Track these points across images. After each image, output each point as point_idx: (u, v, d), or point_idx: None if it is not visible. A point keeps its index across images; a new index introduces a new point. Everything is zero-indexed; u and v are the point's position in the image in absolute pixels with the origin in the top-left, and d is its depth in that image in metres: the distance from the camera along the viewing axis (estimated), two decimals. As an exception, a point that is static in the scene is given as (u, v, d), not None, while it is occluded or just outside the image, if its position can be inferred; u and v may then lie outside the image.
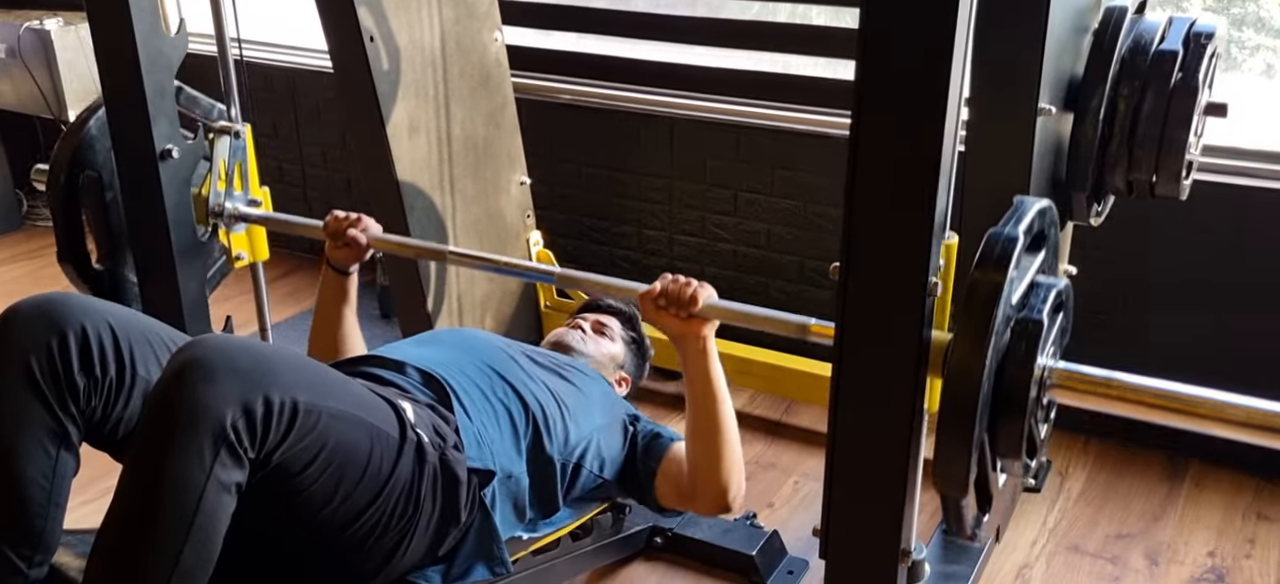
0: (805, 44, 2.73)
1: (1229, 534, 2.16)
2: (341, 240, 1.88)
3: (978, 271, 1.15)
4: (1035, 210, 1.22)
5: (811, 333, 1.50)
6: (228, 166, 2.07)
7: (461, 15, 2.41)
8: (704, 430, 1.62)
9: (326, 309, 1.93)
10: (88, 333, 1.37)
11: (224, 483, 1.22)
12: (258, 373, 1.24)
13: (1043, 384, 1.22)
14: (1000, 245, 1.15)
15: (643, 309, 1.62)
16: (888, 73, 1.16)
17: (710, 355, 1.60)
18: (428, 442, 1.46)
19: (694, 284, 1.58)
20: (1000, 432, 1.21)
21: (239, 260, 2.17)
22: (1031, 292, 1.22)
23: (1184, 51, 1.72)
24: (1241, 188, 2.24)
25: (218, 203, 2.08)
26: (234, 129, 2.06)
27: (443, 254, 1.94)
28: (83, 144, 2.01)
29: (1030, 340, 1.18)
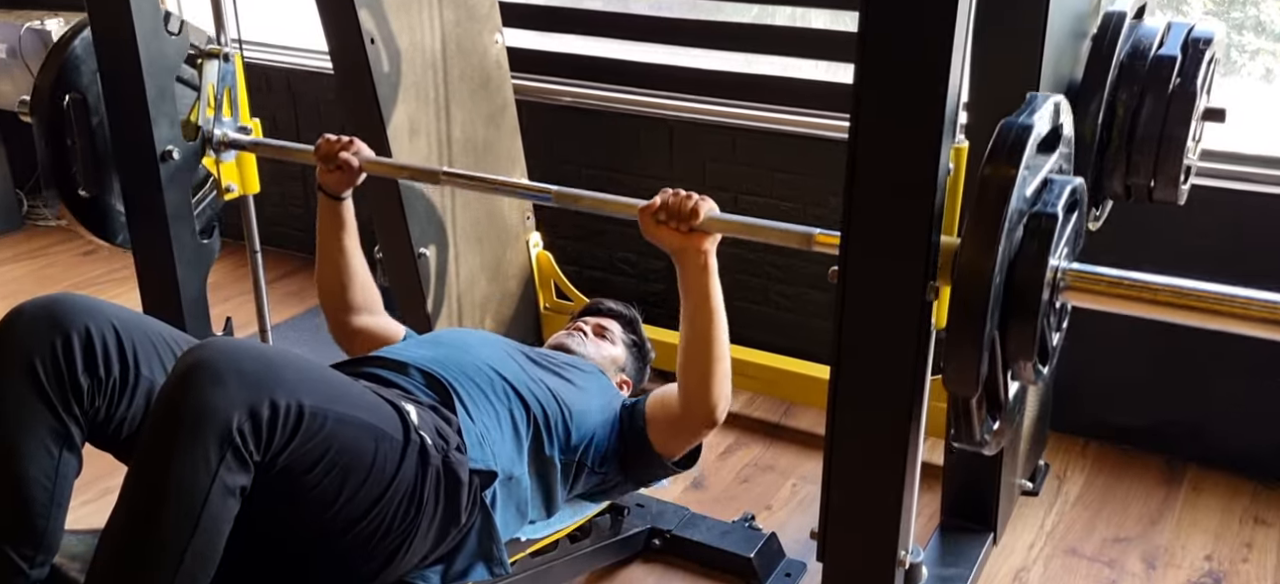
0: (804, 47, 2.73)
1: (1226, 538, 2.16)
2: (333, 163, 1.85)
3: (989, 166, 1.11)
4: (1050, 105, 1.17)
5: (816, 242, 1.47)
6: (217, 92, 1.99)
7: (462, 17, 2.41)
8: (698, 346, 1.60)
9: (326, 240, 1.90)
10: (92, 333, 1.38)
11: (229, 486, 1.23)
12: (263, 376, 1.25)
13: (1056, 285, 1.18)
14: (1013, 135, 1.10)
15: (643, 224, 1.58)
16: (887, 76, 1.16)
17: (710, 270, 1.58)
18: (431, 444, 1.47)
19: (695, 197, 1.55)
20: (1011, 333, 1.16)
21: (229, 192, 2.10)
22: (1045, 188, 1.17)
23: (1182, 57, 1.72)
24: (1240, 192, 2.25)
25: (207, 129, 2.00)
26: (222, 52, 1.99)
27: (435, 175, 1.88)
28: (67, 65, 1.93)
29: (1043, 237, 1.13)
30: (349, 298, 1.89)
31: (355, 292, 1.90)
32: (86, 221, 2.09)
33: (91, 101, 1.96)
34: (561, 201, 1.75)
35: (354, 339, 1.92)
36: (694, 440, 1.72)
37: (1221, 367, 2.34)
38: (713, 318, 1.59)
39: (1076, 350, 2.40)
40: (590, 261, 3.06)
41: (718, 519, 2.12)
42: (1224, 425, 2.36)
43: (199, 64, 2.00)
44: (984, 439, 1.22)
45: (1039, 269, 1.14)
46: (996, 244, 1.08)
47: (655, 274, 2.97)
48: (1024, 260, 1.14)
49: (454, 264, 2.47)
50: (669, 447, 1.72)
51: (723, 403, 1.64)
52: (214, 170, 2.06)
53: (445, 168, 1.88)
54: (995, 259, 1.08)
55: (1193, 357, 2.36)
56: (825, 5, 2.72)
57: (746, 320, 2.86)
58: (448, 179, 1.88)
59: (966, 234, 1.12)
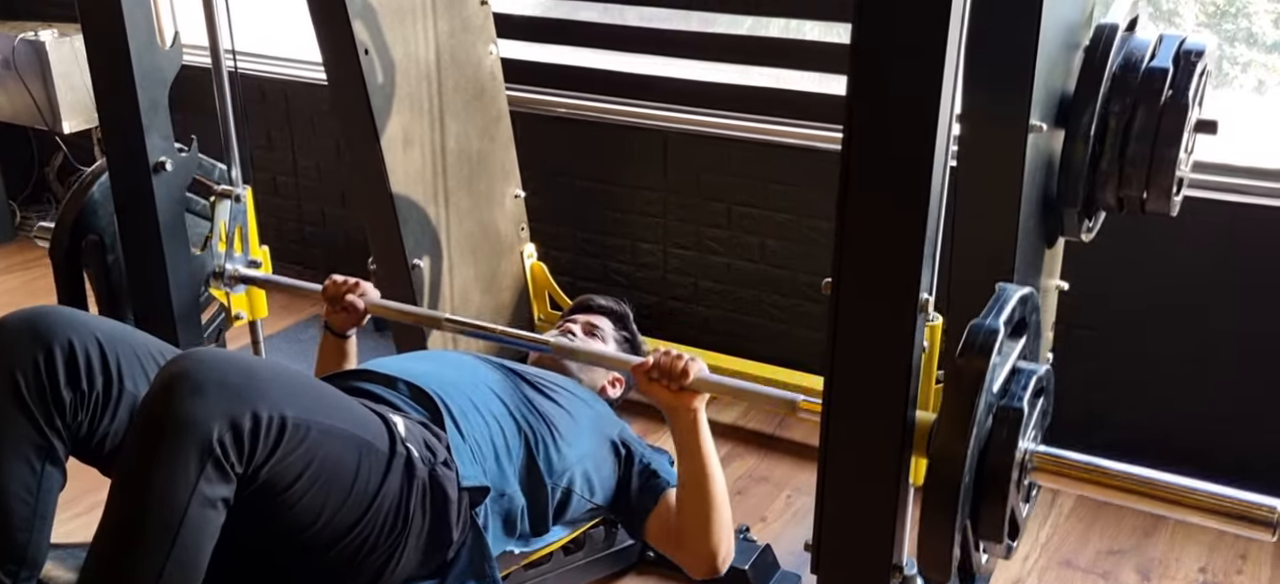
0: (798, 59, 2.74)
1: (1220, 550, 2.16)
2: (340, 305, 1.90)
3: (961, 359, 1.18)
4: (1016, 298, 1.25)
5: (800, 410, 1.55)
6: (228, 229, 2.13)
7: (456, 29, 2.41)
8: (695, 497, 1.65)
9: (327, 370, 1.93)
10: (74, 347, 1.37)
11: (209, 498, 1.22)
12: (246, 387, 1.24)
13: (1024, 467, 1.25)
14: (981, 337, 1.18)
15: (636, 380, 1.66)
16: (879, 88, 1.16)
17: (701, 427, 1.64)
18: (417, 456, 1.46)
19: (685, 358, 1.62)
20: (983, 515, 1.24)
21: (238, 320, 2.22)
22: (1013, 378, 1.25)
23: (1174, 69, 1.73)
24: (1233, 204, 2.25)
25: (219, 264, 2.15)
26: (234, 193, 2.12)
27: (438, 322, 1.99)
28: (86, 208, 2.08)
29: (1011, 426, 1.21)
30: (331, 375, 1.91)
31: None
32: None
33: (108, 241, 2.09)
34: (560, 353, 1.83)
35: None
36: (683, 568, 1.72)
37: (1216, 378, 2.34)
38: (706, 469, 1.64)
39: (1071, 362, 2.41)
40: (584, 273, 3.06)
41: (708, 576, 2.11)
42: (1218, 436, 2.36)
43: (212, 202, 2.12)
44: None
45: (1009, 455, 1.21)
46: (969, 437, 1.16)
47: (648, 286, 2.97)
48: (995, 448, 1.21)
49: (448, 275, 2.46)
50: (655, 543, 1.76)
51: (723, 552, 1.66)
52: (224, 301, 2.19)
53: (448, 315, 1.98)
54: (967, 451, 1.16)
55: (1188, 366, 2.36)
56: (818, 17, 2.73)
57: (741, 331, 2.86)
58: (451, 326, 1.95)
59: (939, 423, 1.19)
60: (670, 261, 2.92)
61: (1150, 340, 2.38)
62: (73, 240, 2.07)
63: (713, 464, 1.65)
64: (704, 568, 1.67)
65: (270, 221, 3.58)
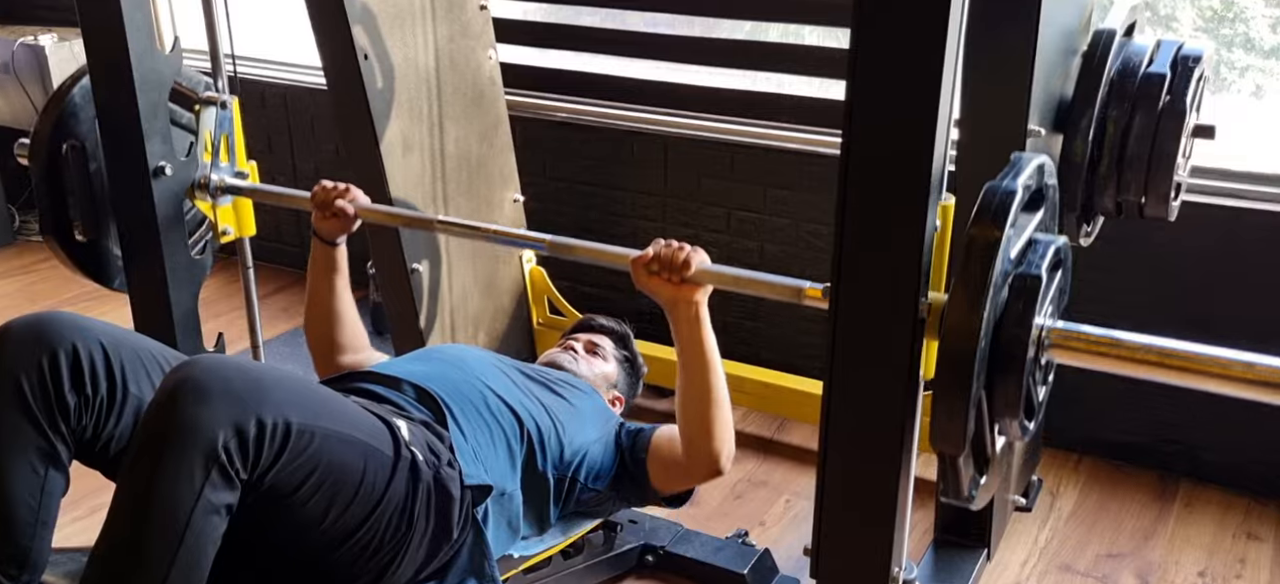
0: (797, 64, 2.74)
1: (1219, 554, 2.16)
2: (329, 210, 1.86)
3: (974, 227, 1.12)
4: (1034, 165, 1.19)
5: (806, 296, 1.47)
6: (214, 138, 2.02)
7: (456, 34, 2.42)
8: (696, 396, 1.61)
9: (318, 282, 1.91)
10: (79, 351, 1.37)
11: (214, 504, 1.22)
12: (251, 393, 1.24)
13: (1041, 343, 1.20)
14: (998, 199, 1.12)
15: (635, 275, 1.60)
16: (878, 93, 1.17)
17: (702, 322, 1.59)
18: (422, 459, 1.46)
19: (687, 248, 1.56)
20: (997, 390, 1.18)
21: (226, 235, 2.11)
22: (1029, 248, 1.19)
23: (1172, 74, 1.73)
24: (1231, 208, 2.26)
25: (204, 175, 2.03)
26: (220, 100, 2.01)
27: (430, 223, 1.90)
28: (66, 113, 1.95)
29: (1028, 298, 1.15)
30: (337, 339, 1.90)
31: (344, 333, 1.91)
32: (83, 267, 2.12)
33: (89, 148, 1.98)
34: (555, 251, 1.77)
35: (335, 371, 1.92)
36: (692, 485, 1.72)
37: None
38: (708, 367, 1.60)
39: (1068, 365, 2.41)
40: (583, 277, 3.06)
41: (711, 535, 2.11)
42: (1218, 441, 2.37)
43: (196, 110, 2.02)
44: (971, 495, 1.23)
45: (1024, 329, 1.16)
46: (982, 306, 1.10)
47: (649, 290, 2.97)
48: (1010, 320, 1.16)
49: (447, 279, 2.47)
50: (665, 485, 1.73)
51: (726, 452, 1.64)
52: (211, 214, 2.08)
53: (440, 216, 1.90)
54: (981, 320, 1.10)
55: (1185, 372, 2.36)
56: (817, 22, 2.73)
57: (739, 335, 2.86)
58: (443, 227, 1.89)
59: (952, 295, 1.14)
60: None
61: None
62: (52, 147, 1.95)
63: (715, 360, 1.61)
64: (706, 470, 1.65)
65: (270, 225, 3.58)
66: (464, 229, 1.93)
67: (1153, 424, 2.42)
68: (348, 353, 1.92)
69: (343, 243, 1.91)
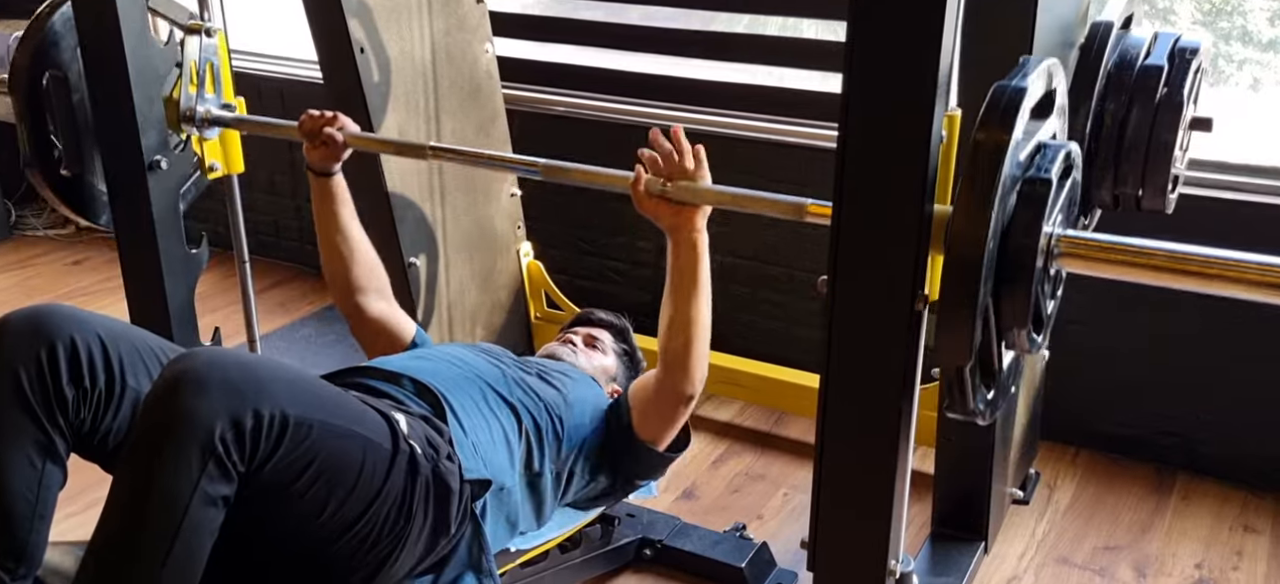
0: (795, 56, 2.74)
1: (1216, 546, 2.16)
2: (318, 140, 1.84)
3: (980, 131, 1.09)
4: (1044, 67, 1.15)
5: (809, 213, 1.46)
6: (199, 68, 1.95)
7: (452, 27, 2.41)
8: (684, 321, 1.62)
9: (323, 218, 1.89)
10: (77, 344, 1.37)
11: (211, 496, 1.22)
12: (248, 385, 1.24)
13: (1050, 252, 1.17)
14: (1006, 98, 1.08)
15: (635, 197, 1.60)
16: (875, 86, 1.17)
17: (700, 248, 1.60)
18: (420, 453, 1.46)
19: (687, 151, 1.57)
20: (1005, 300, 1.14)
21: (213, 171, 2.05)
22: (1038, 153, 1.15)
23: (1169, 67, 1.73)
24: (1229, 201, 2.26)
25: (189, 106, 1.95)
26: (205, 27, 1.95)
27: (422, 150, 1.86)
28: (46, 41, 1.89)
29: (1036, 204, 1.11)
30: (355, 278, 1.89)
31: (360, 271, 1.89)
32: (68, 201, 2.06)
33: (72, 79, 1.91)
34: (550, 175, 1.73)
35: (367, 329, 1.92)
36: (673, 417, 1.72)
37: (1212, 375, 2.34)
38: (699, 292, 1.61)
39: (1066, 359, 2.41)
40: (581, 271, 3.05)
41: (709, 529, 2.11)
42: (1214, 434, 2.37)
43: (181, 40, 1.95)
44: (977, 409, 1.19)
45: (1033, 235, 1.12)
46: (989, 209, 1.06)
47: (645, 284, 2.97)
48: (1017, 226, 1.12)
49: (444, 274, 2.46)
50: (653, 431, 1.73)
51: (699, 376, 1.66)
52: (197, 150, 2.00)
53: (433, 143, 1.88)
54: (988, 225, 1.06)
55: (1183, 364, 2.37)
56: (816, 15, 2.73)
57: (737, 328, 2.86)
58: (434, 154, 1.85)
59: (958, 200, 1.10)
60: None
61: (1147, 337, 2.39)
62: (33, 77, 1.90)
63: (706, 285, 1.62)
64: (680, 393, 1.66)
65: (267, 219, 3.58)
66: (456, 154, 1.89)
67: (1150, 417, 2.43)
68: (371, 295, 1.91)
69: (338, 172, 1.89)
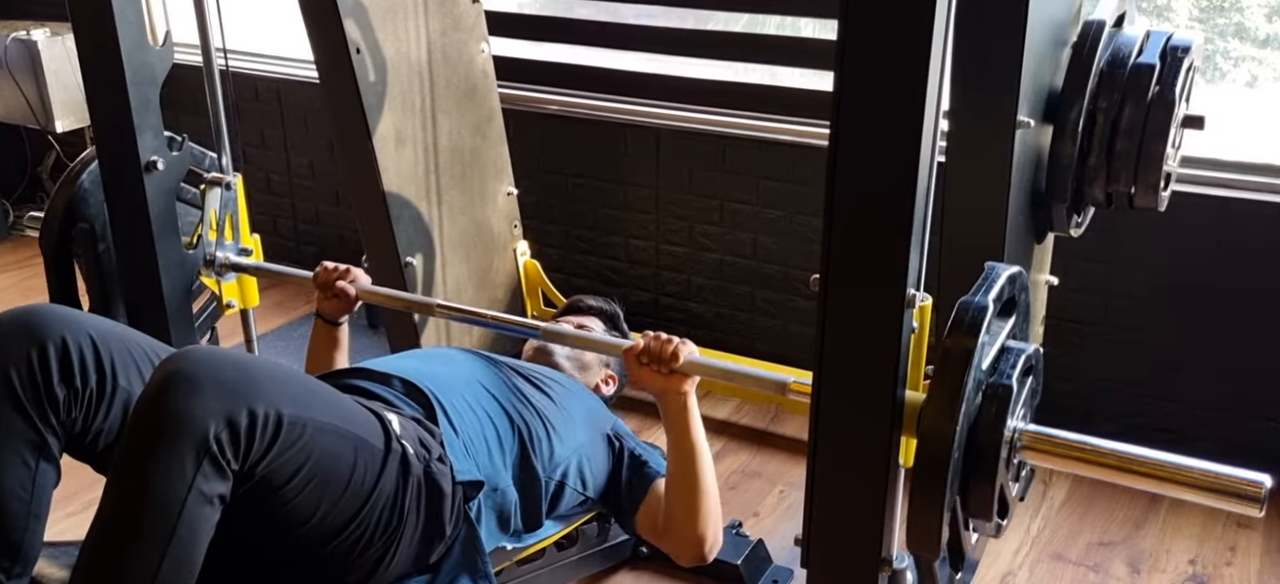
0: (791, 55, 2.75)
1: (1210, 542, 2.17)
2: (331, 291, 1.90)
3: (950, 339, 1.19)
4: (1005, 277, 1.26)
5: (791, 391, 1.55)
6: (219, 217, 2.12)
7: (448, 27, 2.42)
8: (683, 484, 1.66)
9: (317, 354, 1.95)
10: (68, 344, 1.38)
11: (206, 495, 1.22)
12: (242, 385, 1.25)
13: (1013, 446, 1.26)
14: (970, 314, 1.19)
15: (626, 365, 1.66)
16: (866, 85, 1.17)
17: (691, 411, 1.64)
18: (412, 454, 1.47)
19: (675, 341, 1.62)
20: (972, 493, 1.24)
21: (230, 308, 2.21)
22: (1002, 357, 1.25)
23: (1161, 65, 1.73)
24: (1222, 199, 2.26)
25: (210, 252, 2.13)
26: (225, 181, 2.11)
27: (431, 308, 1.98)
28: (77, 197, 2.06)
29: (1000, 404, 1.21)
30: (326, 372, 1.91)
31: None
32: None
33: (98, 230, 2.09)
34: (549, 338, 1.84)
35: None
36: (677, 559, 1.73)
37: (1204, 371, 2.35)
38: (695, 454, 1.65)
39: (1061, 355, 2.42)
40: (577, 269, 3.06)
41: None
42: (1209, 430, 2.38)
43: (202, 189, 2.11)
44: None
45: (997, 432, 1.22)
46: (957, 413, 1.16)
47: (642, 282, 2.98)
48: (983, 423, 1.21)
49: (441, 272, 2.47)
50: (646, 535, 1.77)
51: (710, 539, 1.67)
52: (215, 289, 2.17)
53: (440, 301, 1.97)
54: (956, 425, 1.16)
55: (1176, 359, 2.38)
56: (813, 14, 2.73)
57: (734, 327, 2.87)
58: (443, 311, 1.94)
59: (929, 401, 1.19)
60: (663, 258, 2.93)
61: (1140, 334, 2.39)
62: (63, 228, 2.07)
63: (702, 449, 1.65)
64: (691, 555, 1.68)
65: (264, 220, 3.58)
66: (464, 314, 1.98)
67: (1145, 413, 2.43)
68: None
69: (345, 323, 1.96)
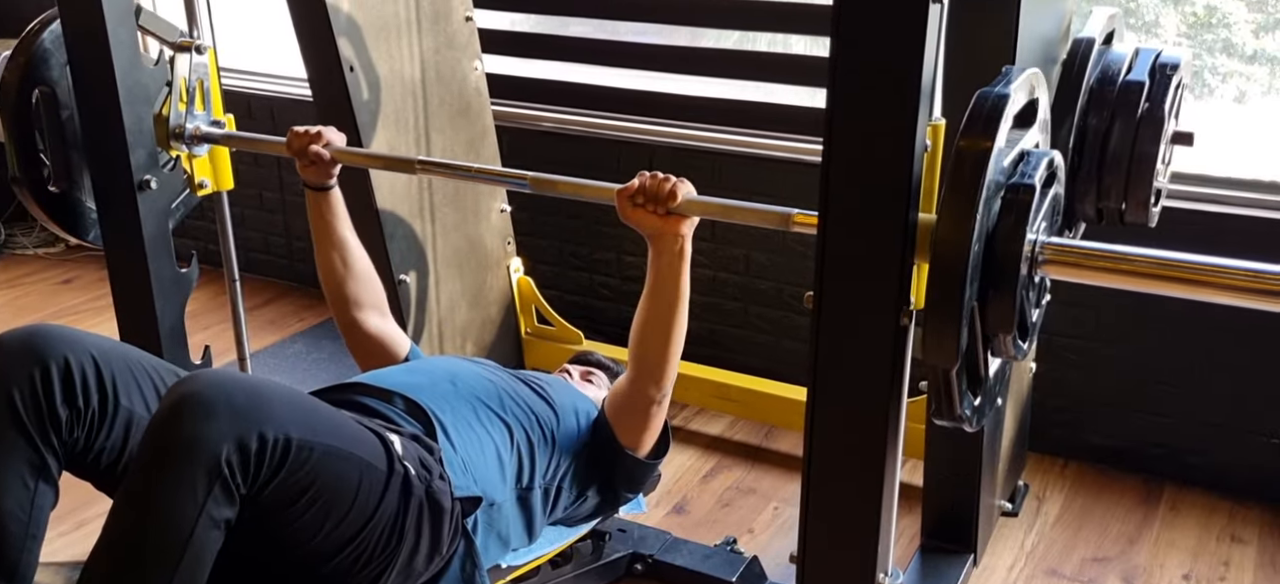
0: (784, 72, 2.76)
1: (1204, 557, 2.17)
2: (306, 157, 1.84)
3: (964, 138, 1.10)
4: (1026, 76, 1.16)
5: (794, 222, 1.45)
6: (189, 84, 1.96)
7: (441, 45, 2.42)
8: (661, 326, 1.62)
9: (318, 230, 1.90)
10: (71, 364, 1.38)
11: (215, 519, 1.23)
12: (253, 409, 1.25)
13: (1034, 258, 1.17)
14: (989, 105, 1.09)
15: (620, 207, 1.58)
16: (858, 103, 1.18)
17: (685, 256, 1.58)
18: (414, 474, 1.47)
19: (672, 179, 1.55)
20: (991, 306, 1.15)
21: (202, 188, 2.07)
22: (1022, 160, 1.16)
23: (1150, 82, 1.75)
24: (1213, 214, 2.28)
25: (178, 123, 1.96)
26: (195, 44, 1.96)
27: (410, 164, 1.86)
28: (36, 58, 1.91)
29: (1020, 210, 1.12)
30: (352, 292, 1.89)
31: (357, 285, 1.90)
32: (57, 217, 2.07)
33: (61, 95, 1.92)
34: (538, 187, 1.74)
35: (362, 344, 1.92)
36: (648, 420, 1.71)
37: (1198, 386, 2.36)
38: (679, 299, 1.61)
39: (1054, 371, 2.43)
40: (570, 286, 3.06)
41: (699, 543, 2.11)
42: (1201, 445, 2.39)
43: (170, 58, 1.97)
44: (964, 414, 1.19)
45: (1017, 241, 1.13)
46: (973, 216, 1.07)
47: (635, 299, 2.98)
48: (1002, 233, 1.13)
49: (435, 290, 2.47)
50: (633, 436, 1.74)
51: (669, 376, 1.66)
52: (187, 167, 2.02)
53: (421, 157, 1.88)
54: (972, 231, 1.07)
55: (1169, 376, 2.38)
56: (806, 31, 2.75)
57: (727, 343, 2.87)
58: (423, 168, 1.86)
59: (942, 206, 1.11)
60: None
61: (1131, 350, 2.40)
62: (22, 93, 1.91)
63: (685, 295, 1.61)
64: (649, 393, 1.67)
65: (257, 237, 3.58)
66: (445, 168, 1.90)
67: (1138, 429, 2.44)
68: (367, 310, 1.91)
69: (333, 186, 1.89)
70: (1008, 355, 1.23)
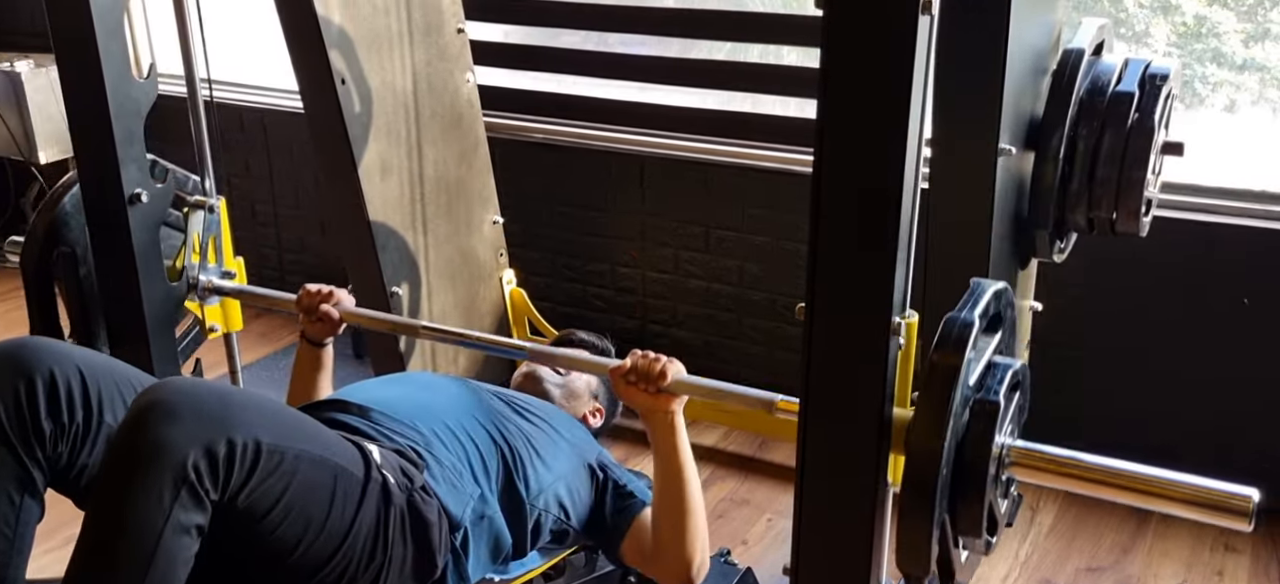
0: (775, 83, 2.77)
1: (1197, 566, 2.17)
2: (314, 315, 1.89)
3: (936, 354, 1.19)
4: (991, 293, 1.25)
5: (778, 409, 1.54)
6: (202, 240, 2.10)
7: (433, 57, 2.42)
8: (670, 505, 1.64)
9: (303, 380, 1.93)
10: (56, 378, 1.37)
11: (184, 525, 1.21)
12: (220, 414, 1.24)
13: (1001, 462, 1.26)
14: (957, 329, 1.19)
15: (613, 383, 1.64)
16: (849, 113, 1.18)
17: (678, 431, 1.63)
18: (394, 483, 1.46)
19: (663, 360, 1.61)
20: (961, 510, 1.23)
21: (213, 332, 2.19)
22: (988, 372, 1.25)
23: (1140, 93, 1.75)
24: (1203, 223, 2.29)
25: (192, 275, 2.11)
26: (208, 203, 2.09)
27: (416, 330, 1.96)
28: (58, 220, 2.04)
29: (987, 420, 1.21)
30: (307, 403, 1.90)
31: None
32: None
33: (79, 254, 2.06)
34: (535, 360, 1.85)
35: None
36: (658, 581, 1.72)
37: (1191, 395, 2.36)
38: (682, 475, 1.63)
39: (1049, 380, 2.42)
40: (563, 298, 3.06)
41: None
42: (1196, 454, 2.39)
43: (185, 212, 2.09)
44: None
45: (985, 450, 1.21)
46: (944, 430, 1.16)
47: (629, 310, 2.98)
48: (971, 441, 1.21)
49: (427, 302, 2.46)
50: (633, 563, 1.75)
51: (697, 561, 1.66)
52: (198, 313, 2.15)
53: (425, 323, 1.98)
54: (944, 441, 1.16)
55: (1163, 385, 2.39)
56: (796, 42, 2.75)
57: (722, 355, 2.87)
58: (427, 333, 1.94)
59: (915, 419, 1.19)
60: (648, 285, 2.93)
61: (1124, 358, 2.41)
62: (44, 253, 2.03)
63: (689, 470, 1.63)
64: (678, 579, 1.66)
65: (249, 249, 3.56)
66: (449, 335, 1.97)
67: (1132, 438, 2.44)
68: None
69: (330, 346, 1.94)
70: (978, 552, 1.32)
